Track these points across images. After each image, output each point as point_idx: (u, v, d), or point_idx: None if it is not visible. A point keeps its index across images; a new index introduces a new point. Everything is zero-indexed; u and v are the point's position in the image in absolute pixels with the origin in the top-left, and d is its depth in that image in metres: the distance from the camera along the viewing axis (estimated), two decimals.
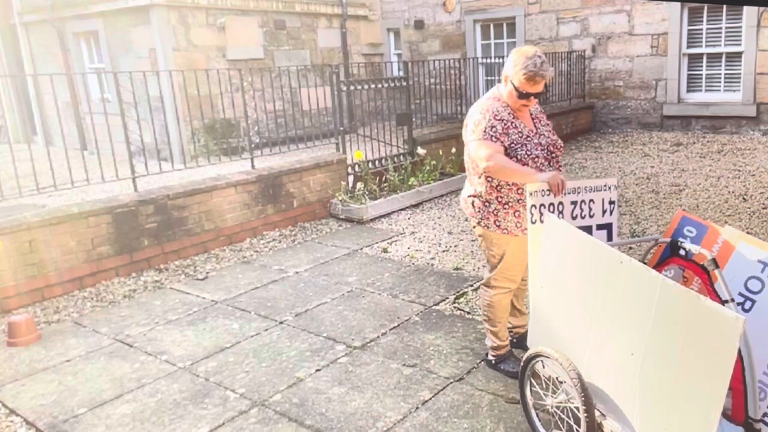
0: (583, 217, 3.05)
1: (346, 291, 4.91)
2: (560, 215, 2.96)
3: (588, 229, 3.04)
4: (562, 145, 3.40)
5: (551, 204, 2.94)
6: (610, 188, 3.09)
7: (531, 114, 3.35)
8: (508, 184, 3.23)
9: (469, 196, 3.41)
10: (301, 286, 5.05)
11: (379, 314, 4.44)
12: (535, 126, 3.31)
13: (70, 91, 11.20)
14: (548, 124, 3.42)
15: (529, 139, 3.21)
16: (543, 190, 2.92)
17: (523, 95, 3.14)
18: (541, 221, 2.91)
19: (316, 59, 12.49)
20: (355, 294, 4.84)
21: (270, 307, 4.66)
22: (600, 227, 3.10)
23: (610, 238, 3.13)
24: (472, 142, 3.21)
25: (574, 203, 3.01)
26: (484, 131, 3.14)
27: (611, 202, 3.11)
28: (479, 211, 3.33)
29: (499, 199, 3.26)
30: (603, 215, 3.10)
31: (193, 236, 5.94)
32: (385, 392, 3.41)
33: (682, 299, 2.09)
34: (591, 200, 3.05)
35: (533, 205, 2.91)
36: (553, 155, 3.28)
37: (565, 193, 2.95)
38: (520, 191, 3.21)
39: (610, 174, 8.44)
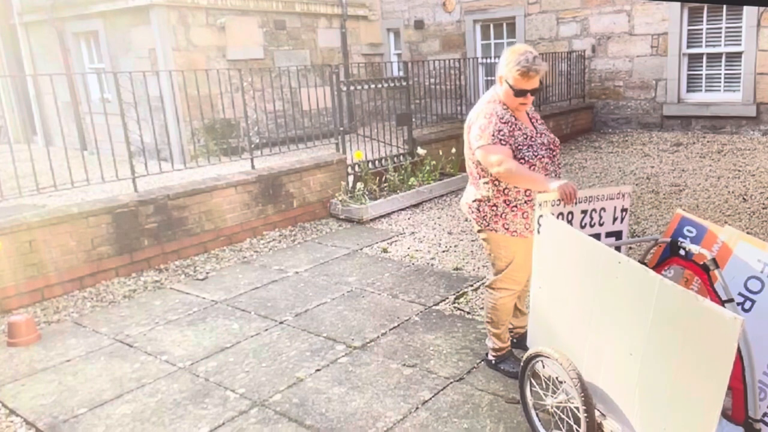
0: (592, 226, 2.96)
1: (346, 291, 4.91)
2: (569, 224, 2.87)
3: (597, 237, 2.95)
4: (559, 143, 3.43)
5: (560, 214, 2.84)
6: (623, 196, 3.00)
7: (528, 114, 3.36)
8: (516, 186, 3.22)
9: (474, 200, 3.36)
10: (301, 286, 5.06)
11: (379, 314, 4.44)
12: (534, 126, 3.33)
13: (70, 91, 11.21)
14: (543, 123, 3.43)
15: (533, 139, 3.22)
16: (553, 201, 2.81)
17: (519, 93, 3.13)
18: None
19: (316, 59, 12.49)
20: (355, 294, 4.84)
21: (270, 307, 4.66)
22: (609, 234, 3.03)
23: None
24: (479, 148, 3.14)
25: (584, 212, 2.91)
26: (492, 135, 3.11)
27: (623, 210, 3.02)
28: (486, 215, 3.30)
29: (507, 202, 3.25)
30: (614, 223, 3.01)
31: (193, 236, 5.94)
32: (385, 392, 3.41)
33: (681, 299, 2.09)
34: (602, 209, 2.96)
35: (541, 216, 2.79)
36: (554, 153, 3.30)
37: (575, 203, 2.86)
38: (527, 192, 3.21)
39: (610, 174, 8.45)
